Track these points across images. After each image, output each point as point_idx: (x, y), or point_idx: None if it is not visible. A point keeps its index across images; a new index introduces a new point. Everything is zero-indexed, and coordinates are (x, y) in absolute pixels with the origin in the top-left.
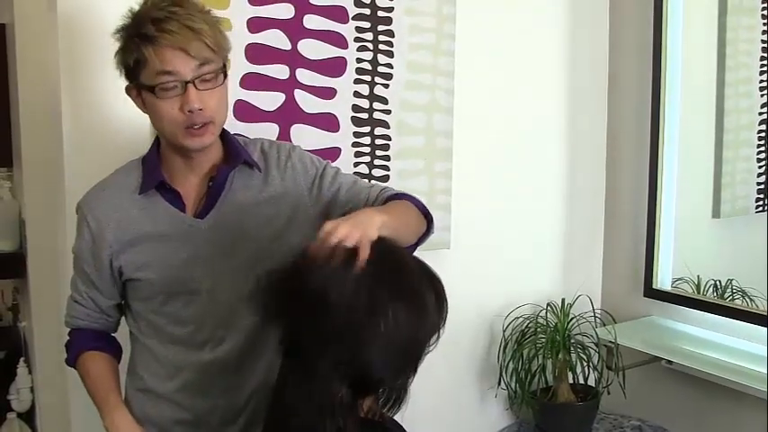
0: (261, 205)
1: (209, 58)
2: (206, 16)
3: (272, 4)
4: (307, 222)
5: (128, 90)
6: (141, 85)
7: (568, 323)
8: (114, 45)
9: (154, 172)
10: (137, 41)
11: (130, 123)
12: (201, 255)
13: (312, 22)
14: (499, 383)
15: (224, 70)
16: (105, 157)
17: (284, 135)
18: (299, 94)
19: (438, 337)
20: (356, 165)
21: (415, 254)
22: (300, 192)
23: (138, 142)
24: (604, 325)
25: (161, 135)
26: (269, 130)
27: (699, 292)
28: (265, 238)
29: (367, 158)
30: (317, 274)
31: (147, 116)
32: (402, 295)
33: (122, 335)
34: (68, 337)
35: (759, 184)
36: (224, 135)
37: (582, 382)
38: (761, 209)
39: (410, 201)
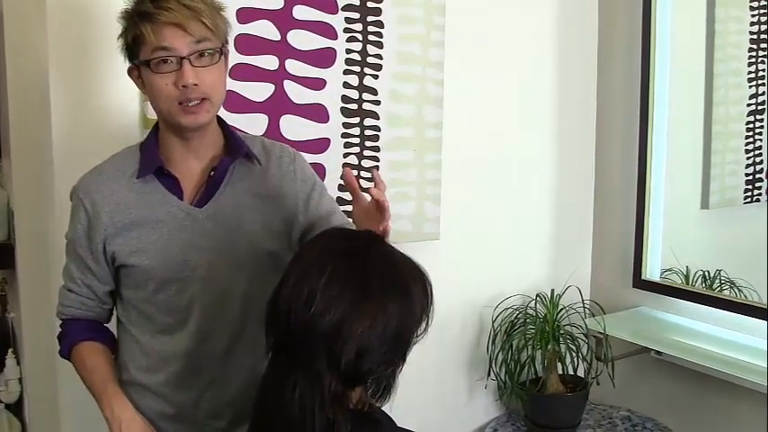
0: (258, 200)
1: (205, 36)
2: None
3: None
4: (297, 229)
5: (129, 72)
6: (140, 63)
7: (558, 314)
8: (108, 31)
9: (152, 157)
10: (135, 20)
11: (121, 111)
12: (197, 244)
13: (302, 12)
14: (489, 374)
15: (222, 51)
16: (95, 145)
17: (274, 126)
18: (288, 85)
19: (426, 327)
20: (345, 156)
21: (406, 244)
22: (296, 200)
23: (129, 130)
24: (593, 316)
25: (158, 114)
26: (258, 121)
27: (688, 283)
28: (261, 235)
29: (356, 149)
30: (305, 270)
31: (137, 105)
32: (388, 286)
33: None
34: (61, 329)
35: (747, 175)
36: (225, 127)
37: (571, 372)
38: (749, 200)
39: None
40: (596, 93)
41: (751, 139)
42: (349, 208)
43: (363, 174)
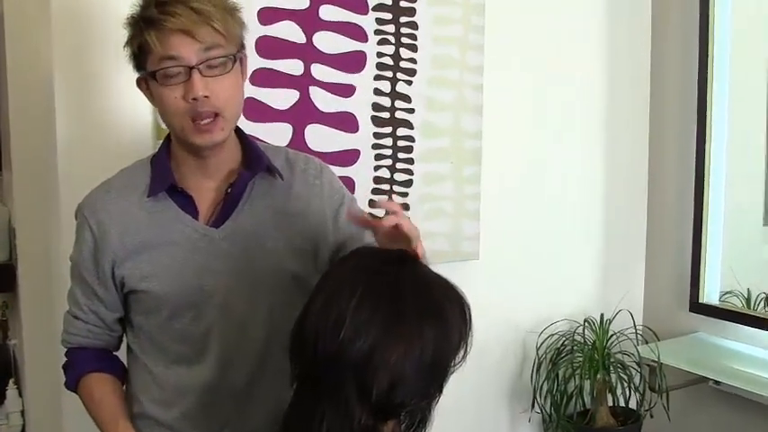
0: (281, 217)
1: (216, 42)
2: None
3: None
4: (326, 249)
5: (138, 83)
6: (148, 74)
7: (608, 340)
8: (117, 35)
9: (164, 173)
10: (141, 26)
11: (131, 121)
12: (214, 267)
13: (329, 12)
14: (533, 406)
15: (236, 58)
16: (103, 157)
17: (298, 136)
18: (314, 92)
19: (465, 354)
20: (377, 168)
21: (442, 265)
22: (324, 218)
23: (140, 142)
24: (647, 342)
25: (170, 131)
26: (281, 131)
27: (749, 307)
28: (284, 255)
29: (388, 161)
30: (333, 292)
31: (149, 114)
32: (424, 310)
33: (122, 354)
34: (66, 358)
35: None
36: (243, 138)
37: (622, 404)
38: None
39: None
40: (649, 98)
41: None
42: None
43: (396, 188)
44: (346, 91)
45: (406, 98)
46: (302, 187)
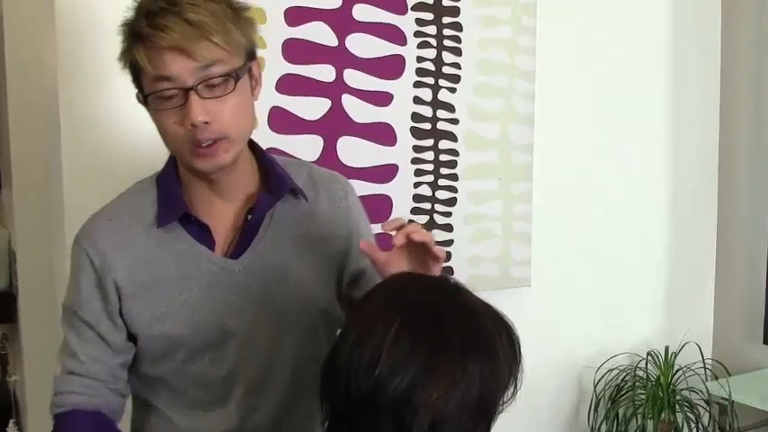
0: (305, 244)
1: (216, 58)
2: (211, 5)
3: None
4: (346, 278)
5: (138, 99)
6: (143, 96)
7: (673, 376)
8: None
9: (174, 199)
10: (130, 41)
11: (144, 134)
12: (234, 303)
13: (363, 12)
14: None
15: (238, 75)
16: (113, 175)
17: (329, 150)
18: (347, 100)
19: (514, 391)
20: (416, 185)
21: (489, 292)
22: (349, 244)
23: (154, 159)
24: (716, 378)
25: (173, 154)
26: (311, 144)
27: None
28: (310, 287)
29: (429, 178)
30: (367, 325)
31: None
32: (469, 343)
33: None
34: (54, 427)
35: None
36: (260, 155)
37: None
38: None
39: None
40: (719, 107)
41: None
42: None
43: (438, 207)
44: (383, 99)
45: (450, 107)
46: (328, 209)
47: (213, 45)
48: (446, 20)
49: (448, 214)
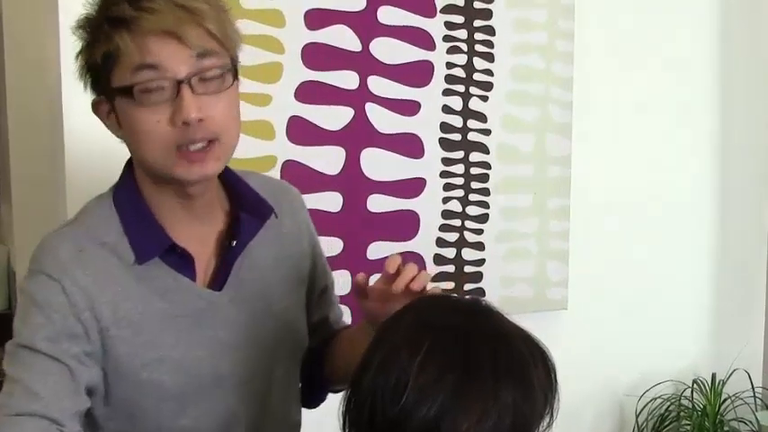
0: (281, 264)
1: (211, 48)
2: None
3: None
4: (312, 294)
5: (95, 107)
6: (113, 92)
7: (720, 405)
8: None
9: (148, 226)
10: (105, 28)
11: None
12: (224, 339)
13: (389, 15)
14: None
15: (236, 70)
16: None
17: (352, 162)
18: (371, 110)
19: (551, 421)
20: (446, 201)
21: (524, 315)
22: (314, 259)
23: None
24: (767, 408)
25: (142, 165)
26: (332, 156)
27: None
28: (294, 310)
29: (460, 192)
30: (392, 350)
31: None
32: (501, 369)
33: None
34: None
35: None
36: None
37: None
38: None
39: None
40: None
41: None
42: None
43: (469, 224)
44: (409, 108)
45: (481, 117)
46: (291, 224)
47: (207, 34)
48: (478, 23)
49: (479, 231)
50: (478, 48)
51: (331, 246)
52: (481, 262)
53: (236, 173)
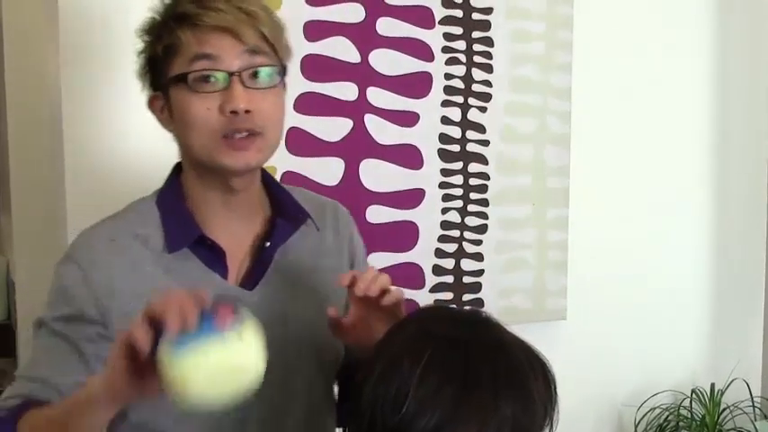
0: (316, 274)
1: (263, 48)
2: (264, 5)
3: (337, 3)
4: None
5: (151, 103)
6: (169, 82)
7: (719, 415)
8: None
9: (183, 220)
10: (170, 25)
11: (155, 156)
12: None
13: (388, 26)
14: None
15: (285, 71)
16: (119, 202)
17: (351, 173)
18: (370, 121)
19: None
20: (444, 211)
21: (522, 326)
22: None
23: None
24: (766, 417)
25: (188, 153)
26: (331, 167)
27: None
28: (320, 320)
29: (458, 203)
30: (392, 360)
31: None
32: (501, 380)
33: None
34: None
35: None
36: (265, 178)
37: None
38: None
39: None
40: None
41: None
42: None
43: (468, 235)
44: (408, 119)
45: (480, 128)
46: (334, 240)
47: (261, 36)
48: (476, 34)
49: (478, 242)
50: (477, 59)
51: None
52: (480, 272)
53: (282, 185)
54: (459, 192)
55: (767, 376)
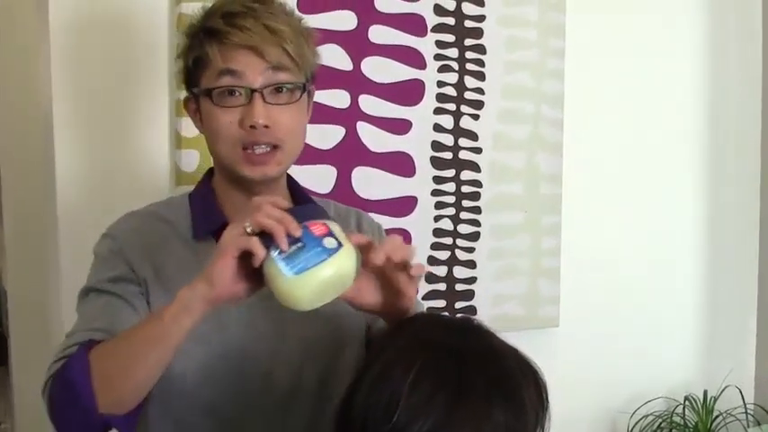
0: None
1: (286, 65)
2: (291, 19)
3: (329, 11)
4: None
5: (185, 103)
6: (200, 92)
7: (712, 422)
8: (132, 67)
9: (210, 210)
10: (201, 37)
11: (146, 167)
12: (260, 327)
13: (380, 34)
14: None
15: (305, 88)
16: (112, 211)
17: (343, 181)
18: (362, 128)
19: None
20: (437, 219)
21: (515, 333)
22: None
23: (157, 191)
24: (759, 424)
25: (217, 160)
26: (323, 175)
27: None
28: (335, 318)
29: (451, 210)
30: (385, 367)
31: (167, 157)
32: (493, 388)
33: None
34: (58, 367)
35: None
36: (292, 183)
37: None
38: None
39: None
40: (761, 131)
41: None
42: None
43: (460, 242)
44: (400, 127)
45: (472, 135)
46: None
47: (285, 53)
48: (468, 42)
49: (470, 249)
50: (469, 66)
51: None
52: (472, 280)
53: (310, 194)
54: (451, 199)
55: (760, 383)
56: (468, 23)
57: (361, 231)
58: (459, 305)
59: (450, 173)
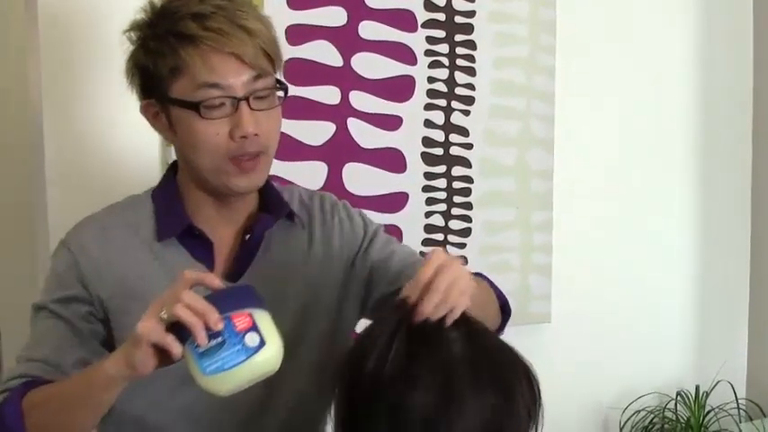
0: (304, 269)
1: (265, 69)
2: (259, 15)
3: (319, 7)
4: (357, 299)
5: (145, 109)
6: (172, 102)
7: (704, 417)
8: (120, 57)
9: (175, 212)
10: (172, 42)
11: (139, 156)
12: None
13: (370, 30)
14: None
15: (286, 88)
16: (103, 203)
17: (334, 177)
18: (353, 124)
19: None
20: (428, 215)
21: (507, 328)
22: (348, 257)
23: (148, 183)
24: (751, 419)
25: (194, 170)
26: (314, 171)
27: None
28: (312, 307)
29: (442, 206)
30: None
31: (157, 149)
32: (482, 386)
33: None
34: None
35: None
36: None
37: None
38: None
39: (489, 284)
40: (752, 134)
41: None
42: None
43: (452, 238)
44: (391, 123)
45: (463, 131)
46: (320, 230)
47: (263, 54)
48: (459, 38)
49: (462, 246)
50: (460, 62)
51: None
52: None
53: (273, 183)
54: (442, 195)
55: (752, 378)
56: (459, 19)
57: (323, 214)
58: None
59: (441, 169)
